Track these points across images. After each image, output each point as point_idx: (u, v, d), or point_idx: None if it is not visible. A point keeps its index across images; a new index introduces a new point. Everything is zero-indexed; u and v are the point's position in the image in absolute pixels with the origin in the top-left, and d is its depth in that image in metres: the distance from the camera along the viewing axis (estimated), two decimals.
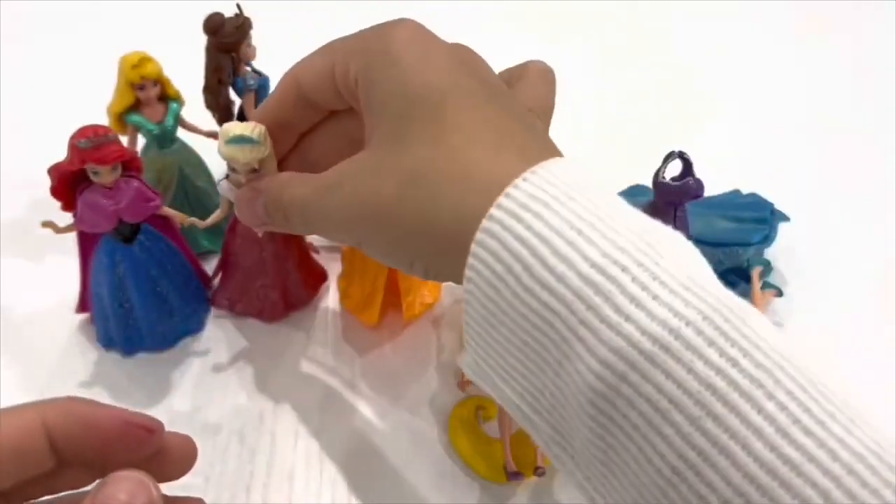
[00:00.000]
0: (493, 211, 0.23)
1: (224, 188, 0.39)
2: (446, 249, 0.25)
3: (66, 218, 0.39)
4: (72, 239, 0.40)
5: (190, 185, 0.46)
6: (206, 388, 0.41)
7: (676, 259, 0.22)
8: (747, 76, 0.67)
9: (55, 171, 0.37)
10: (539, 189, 0.23)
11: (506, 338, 0.23)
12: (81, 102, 0.42)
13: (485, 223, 0.23)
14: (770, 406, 0.19)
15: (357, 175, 0.27)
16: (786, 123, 0.62)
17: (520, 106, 0.28)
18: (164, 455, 0.23)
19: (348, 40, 0.30)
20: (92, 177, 0.37)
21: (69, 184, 0.37)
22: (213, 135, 0.46)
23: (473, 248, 0.23)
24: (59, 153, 0.36)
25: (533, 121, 0.28)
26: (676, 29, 0.72)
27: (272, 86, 0.47)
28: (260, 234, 0.40)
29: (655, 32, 0.71)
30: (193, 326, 0.44)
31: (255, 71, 0.46)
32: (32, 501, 0.22)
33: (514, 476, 0.36)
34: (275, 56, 0.48)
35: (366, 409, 0.40)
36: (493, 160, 0.24)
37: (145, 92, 0.42)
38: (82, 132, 0.36)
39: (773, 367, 0.20)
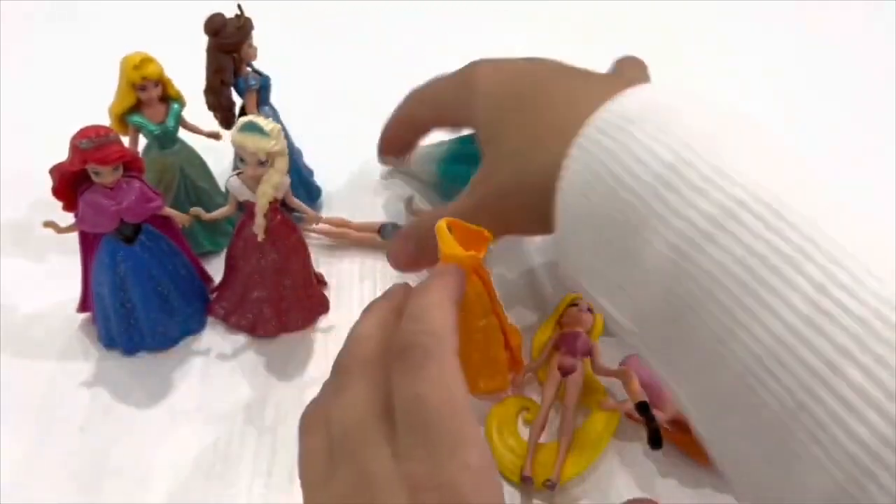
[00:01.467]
0: (585, 129, 0.29)
1: (234, 185, 0.39)
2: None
3: (68, 218, 0.39)
4: (73, 239, 0.40)
5: (191, 185, 0.46)
6: (207, 387, 0.41)
7: (729, 151, 0.27)
8: (747, 76, 0.67)
9: (56, 172, 0.37)
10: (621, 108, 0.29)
11: (592, 239, 0.29)
12: (82, 103, 0.42)
13: (578, 140, 0.29)
14: (808, 269, 0.24)
15: (482, 182, 0.36)
16: (785, 123, 0.61)
17: (594, 72, 0.36)
18: None
19: (440, 92, 0.42)
20: (93, 177, 0.37)
21: (70, 184, 0.37)
22: (214, 135, 0.46)
23: (566, 162, 0.30)
24: (61, 153, 0.36)
25: (616, 76, 0.39)
26: (676, 29, 0.72)
27: (273, 86, 0.47)
28: (260, 239, 0.40)
29: (655, 32, 0.71)
30: (194, 326, 0.44)
31: (256, 71, 0.46)
32: None
33: (526, 480, 0.36)
34: (276, 56, 0.48)
35: None
36: (582, 103, 0.30)
37: (147, 92, 0.42)
38: (83, 133, 0.36)
39: (803, 242, 0.24)
